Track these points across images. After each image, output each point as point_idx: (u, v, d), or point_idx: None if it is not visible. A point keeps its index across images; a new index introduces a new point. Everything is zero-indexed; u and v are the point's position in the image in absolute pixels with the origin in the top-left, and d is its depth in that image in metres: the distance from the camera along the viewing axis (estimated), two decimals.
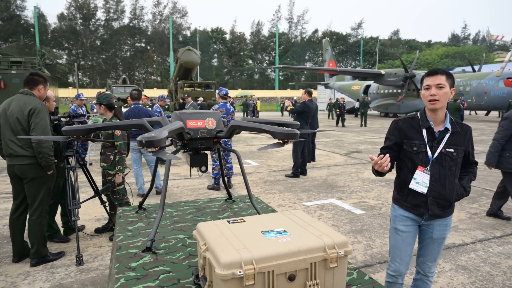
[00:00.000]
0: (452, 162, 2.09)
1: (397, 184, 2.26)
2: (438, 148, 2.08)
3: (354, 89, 33.26)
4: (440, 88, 2.02)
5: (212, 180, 6.53)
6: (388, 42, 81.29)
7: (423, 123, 2.12)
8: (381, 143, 12.17)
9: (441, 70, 2.09)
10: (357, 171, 7.56)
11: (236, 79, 78.01)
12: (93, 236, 3.91)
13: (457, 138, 2.10)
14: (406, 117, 2.22)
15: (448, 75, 2.06)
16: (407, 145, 2.15)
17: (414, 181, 2.11)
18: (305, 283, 1.34)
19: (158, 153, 1.71)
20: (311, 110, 7.08)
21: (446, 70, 2.10)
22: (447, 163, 2.08)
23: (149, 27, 74.44)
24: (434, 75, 2.05)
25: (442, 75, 2.04)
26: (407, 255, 2.23)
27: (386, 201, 5.33)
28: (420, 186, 2.09)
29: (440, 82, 2.02)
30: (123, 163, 3.68)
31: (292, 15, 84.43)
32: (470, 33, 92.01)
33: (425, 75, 2.11)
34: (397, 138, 2.19)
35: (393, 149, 2.20)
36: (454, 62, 55.56)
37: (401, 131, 2.17)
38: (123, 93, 20.68)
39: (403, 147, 2.17)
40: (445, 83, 2.02)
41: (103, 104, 3.70)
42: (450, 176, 2.09)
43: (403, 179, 2.19)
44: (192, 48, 24.38)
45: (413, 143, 2.12)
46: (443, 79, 2.03)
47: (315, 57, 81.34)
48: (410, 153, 2.13)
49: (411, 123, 2.16)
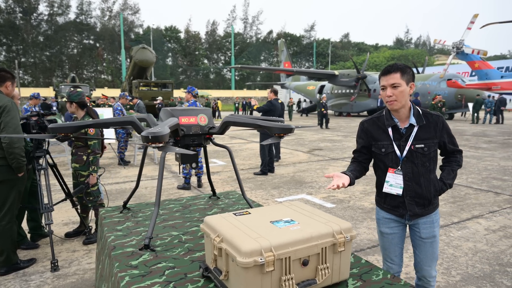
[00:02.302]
0: (424, 158, 1.96)
1: (376, 186, 2.16)
2: (407, 146, 1.96)
3: (309, 89, 34.27)
4: (395, 88, 1.90)
5: (181, 180, 6.45)
6: (339, 44, 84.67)
7: (388, 122, 2.01)
8: (339, 141, 12.70)
9: (395, 66, 1.93)
10: (321, 167, 7.84)
11: (192, 78, 76.88)
12: (64, 241, 3.70)
13: (426, 132, 1.97)
14: (371, 118, 2.12)
15: (403, 71, 1.91)
16: (375, 147, 2.07)
17: (387, 184, 2.03)
18: (317, 267, 1.42)
19: (164, 148, 1.70)
20: (277, 108, 7.22)
21: (401, 65, 1.93)
22: (419, 160, 1.96)
23: (98, 23, 70.97)
24: (387, 74, 1.92)
25: (396, 72, 1.90)
26: (396, 255, 2.16)
27: (353, 195, 5.61)
28: (394, 188, 2.01)
29: (394, 81, 1.90)
30: (97, 163, 3.52)
31: (247, 16, 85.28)
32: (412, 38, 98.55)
33: (380, 74, 1.98)
34: (365, 141, 2.11)
35: (363, 152, 2.14)
36: None
37: (368, 133, 2.09)
38: None
39: (372, 149, 2.09)
40: (400, 81, 1.89)
41: (74, 102, 3.52)
42: (425, 173, 1.98)
43: (379, 181, 2.11)
44: (147, 46, 23.70)
45: (381, 144, 2.03)
46: (397, 77, 1.89)
47: (270, 58, 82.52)
48: (380, 155, 2.05)
49: (377, 123, 2.07)
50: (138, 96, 18.87)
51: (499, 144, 11.47)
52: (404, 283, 1.55)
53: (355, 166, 2.13)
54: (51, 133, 1.94)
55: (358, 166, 2.14)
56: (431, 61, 55.96)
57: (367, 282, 1.56)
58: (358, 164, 2.16)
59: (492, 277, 3.04)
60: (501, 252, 3.55)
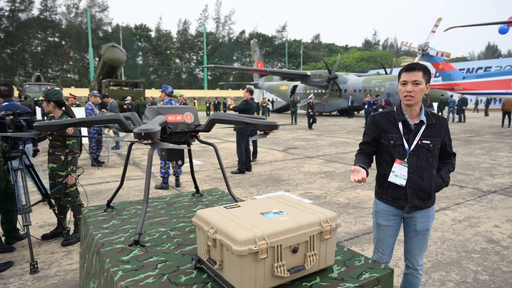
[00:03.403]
0: (429, 153, 2.09)
1: (378, 179, 2.26)
2: (414, 141, 2.09)
3: (282, 89, 34.64)
4: (416, 85, 2.02)
5: (159, 180, 6.40)
6: (311, 45, 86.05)
7: (399, 117, 2.13)
8: (313, 139, 12.97)
9: (419, 65, 2.06)
10: (297, 165, 8.01)
11: (163, 78, 75.54)
12: (42, 243, 3.60)
13: (432, 130, 2.11)
14: (383, 112, 2.24)
15: (425, 71, 2.05)
16: (384, 139, 2.17)
17: (393, 174, 2.12)
18: (305, 254, 1.51)
19: (155, 144, 1.74)
20: (253, 108, 7.32)
21: (424, 65, 2.06)
22: (424, 155, 2.09)
23: (64, 20, 68.21)
24: (412, 71, 2.04)
25: (419, 71, 2.03)
26: (389, 246, 2.27)
27: (329, 191, 5.79)
28: (398, 178, 2.10)
29: (416, 78, 2.02)
30: (75, 163, 3.45)
31: (220, 15, 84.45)
32: (380, 40, 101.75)
33: (403, 70, 2.10)
34: (374, 133, 2.21)
35: (371, 144, 2.23)
36: (368, 65, 60.98)
37: (378, 126, 2.19)
38: (38, 92, 18.22)
39: (381, 141, 2.18)
40: (421, 80, 2.03)
41: (52, 101, 3.43)
42: (428, 168, 2.10)
43: (383, 173, 2.20)
44: (117, 45, 23.12)
45: (390, 136, 2.14)
46: (420, 75, 2.03)
47: (243, 58, 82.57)
48: (388, 147, 2.15)
49: (388, 117, 2.18)
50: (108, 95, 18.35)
51: (462, 142, 12.14)
52: (384, 267, 1.67)
53: (364, 158, 2.21)
54: (37, 131, 1.93)
55: (366, 158, 2.22)
56: (398, 62, 57.98)
57: (350, 267, 1.67)
58: (366, 156, 2.24)
59: (459, 263, 3.27)
60: (467, 240, 3.81)
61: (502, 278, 2.98)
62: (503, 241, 3.77)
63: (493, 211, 4.78)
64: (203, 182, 6.33)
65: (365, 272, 1.62)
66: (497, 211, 4.76)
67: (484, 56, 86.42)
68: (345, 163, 8.23)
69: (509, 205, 5.03)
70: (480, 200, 5.29)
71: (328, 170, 7.41)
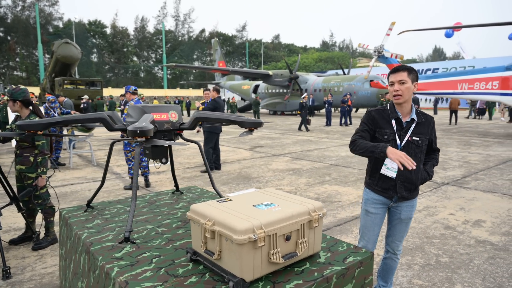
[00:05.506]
0: (417, 149, 2.28)
1: (369, 170, 2.44)
2: (405, 137, 2.26)
3: (244, 89, 34.81)
4: (402, 84, 2.19)
5: (128, 181, 6.26)
6: (271, 45, 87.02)
7: (392, 114, 2.30)
8: (277, 138, 13.23)
9: (403, 66, 2.24)
10: (265, 163, 8.17)
11: (120, 77, 72.84)
12: (10, 248, 3.42)
13: (421, 128, 2.29)
14: (378, 109, 2.40)
15: (410, 71, 2.21)
16: (379, 133, 2.32)
17: (385, 166, 2.26)
18: (297, 241, 1.63)
19: (149, 141, 1.77)
20: (221, 106, 7.35)
21: (408, 66, 2.24)
22: (413, 150, 2.26)
23: (9, 14, 63.58)
24: (397, 72, 2.22)
25: (404, 71, 2.21)
26: (374, 234, 2.44)
27: (298, 187, 5.99)
28: (390, 171, 2.24)
29: (402, 78, 2.19)
30: (46, 165, 3.32)
31: (179, 13, 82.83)
32: (336, 41, 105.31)
33: (390, 73, 2.29)
34: (369, 127, 2.36)
35: (368, 133, 2.36)
36: (327, 66, 62.83)
37: (374, 121, 2.34)
38: None
39: (375, 135, 2.33)
40: (406, 79, 2.19)
41: (18, 100, 3.26)
42: (416, 162, 2.20)
43: (375, 166, 2.36)
44: (71, 41, 21.99)
45: (384, 131, 2.30)
46: (404, 75, 2.20)
47: (203, 57, 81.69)
48: (381, 141, 2.29)
49: (382, 114, 2.34)
50: (63, 94, 17.44)
51: None
52: (365, 251, 1.83)
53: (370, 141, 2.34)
54: (20, 130, 1.89)
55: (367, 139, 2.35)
56: (354, 63, 60.33)
57: (335, 252, 1.81)
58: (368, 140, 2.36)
59: (422, 248, 3.57)
60: (427, 227, 4.15)
61: (460, 260, 3.31)
62: (458, 227, 4.15)
63: (447, 200, 5.21)
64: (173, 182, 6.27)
65: (349, 256, 1.77)
66: (451, 201, 5.20)
67: (432, 58, 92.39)
68: (311, 160, 8.52)
69: (461, 195, 5.52)
70: (435, 191, 5.74)
71: (296, 167, 7.64)
